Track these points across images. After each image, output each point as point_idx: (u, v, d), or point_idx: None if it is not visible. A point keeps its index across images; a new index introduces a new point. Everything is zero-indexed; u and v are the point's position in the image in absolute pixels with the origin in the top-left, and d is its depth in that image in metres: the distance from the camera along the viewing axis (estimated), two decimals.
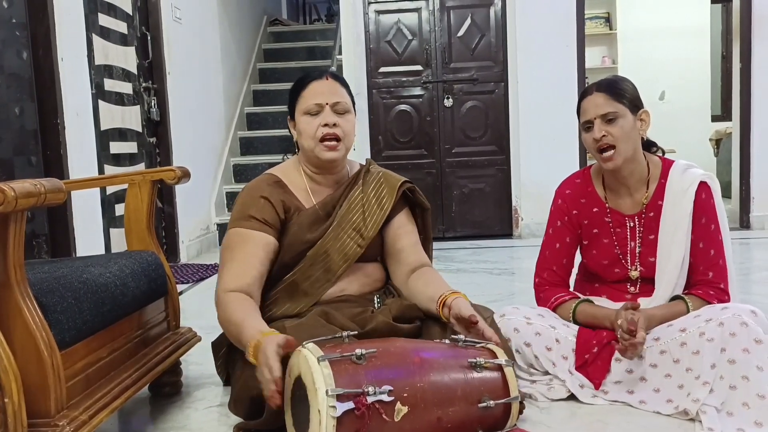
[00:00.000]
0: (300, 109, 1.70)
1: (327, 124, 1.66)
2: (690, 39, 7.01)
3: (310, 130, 1.68)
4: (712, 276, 1.71)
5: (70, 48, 3.00)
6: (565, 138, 4.52)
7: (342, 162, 1.76)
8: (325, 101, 1.67)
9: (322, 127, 1.66)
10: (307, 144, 1.69)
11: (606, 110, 1.70)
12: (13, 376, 1.11)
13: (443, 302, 1.55)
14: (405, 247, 1.75)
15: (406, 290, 1.72)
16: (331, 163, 1.71)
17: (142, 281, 1.63)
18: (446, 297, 1.55)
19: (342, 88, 1.72)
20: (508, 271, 3.63)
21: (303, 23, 9.00)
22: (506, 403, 1.38)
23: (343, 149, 1.70)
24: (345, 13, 4.77)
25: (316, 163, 1.73)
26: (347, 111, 1.71)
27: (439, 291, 1.59)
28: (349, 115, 1.71)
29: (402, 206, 1.80)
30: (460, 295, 1.56)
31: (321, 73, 1.73)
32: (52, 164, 2.86)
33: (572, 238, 1.86)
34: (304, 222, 1.70)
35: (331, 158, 1.69)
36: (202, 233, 4.66)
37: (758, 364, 1.48)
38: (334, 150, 1.68)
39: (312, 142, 1.68)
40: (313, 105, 1.67)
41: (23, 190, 1.08)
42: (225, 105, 5.32)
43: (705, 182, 1.73)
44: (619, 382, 1.67)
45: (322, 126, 1.66)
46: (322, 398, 1.20)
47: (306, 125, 1.69)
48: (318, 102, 1.67)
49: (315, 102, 1.67)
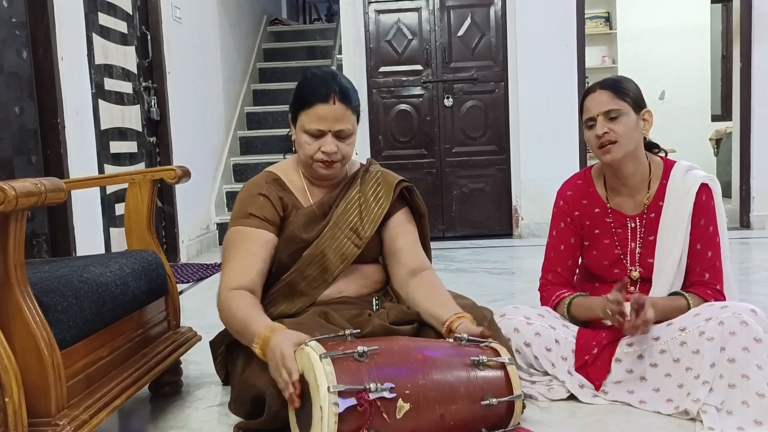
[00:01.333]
0: (301, 124, 1.65)
1: (326, 153, 1.63)
2: (690, 38, 7.01)
3: (309, 150, 1.64)
4: (708, 277, 1.71)
5: (70, 47, 3.00)
6: (565, 138, 4.53)
7: (338, 173, 1.74)
8: (328, 128, 1.62)
9: (321, 152, 1.63)
10: (304, 158, 1.68)
11: (609, 107, 1.70)
12: (13, 376, 1.11)
13: (449, 328, 1.53)
14: (403, 247, 1.73)
15: (406, 296, 1.69)
16: (325, 178, 1.71)
17: (142, 281, 1.63)
18: (452, 322, 1.53)
19: (348, 111, 1.63)
20: (508, 271, 3.63)
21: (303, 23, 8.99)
22: (509, 402, 1.38)
23: (339, 166, 1.68)
24: (345, 12, 4.77)
25: (311, 174, 1.73)
26: (350, 134, 1.66)
27: (444, 310, 1.57)
28: (350, 138, 1.67)
29: (401, 206, 1.78)
30: (466, 319, 1.53)
31: (328, 95, 1.60)
32: (52, 164, 2.86)
33: (576, 239, 1.85)
34: (300, 221, 1.69)
35: (326, 175, 1.69)
36: (202, 233, 4.66)
37: (758, 363, 1.48)
38: (329, 169, 1.67)
39: (309, 160, 1.66)
40: (315, 129, 1.62)
41: (24, 189, 1.08)
42: (225, 104, 5.32)
43: (706, 184, 1.73)
44: (619, 382, 1.66)
45: (322, 151, 1.63)
46: (324, 395, 1.20)
47: (305, 144, 1.65)
48: (320, 128, 1.62)
49: (318, 127, 1.62)
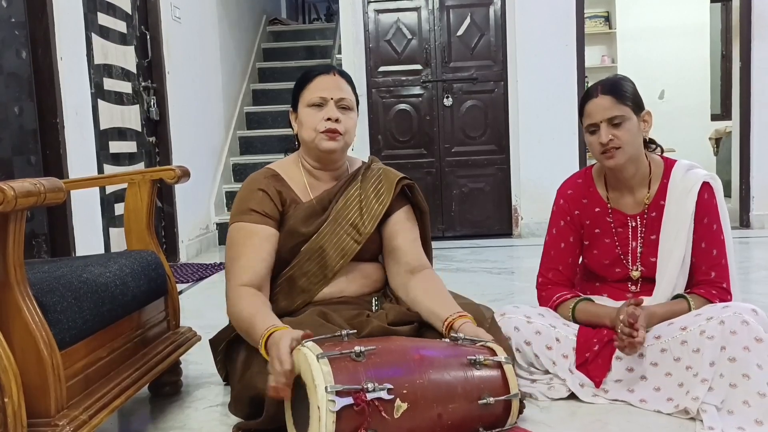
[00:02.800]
0: (304, 101, 1.70)
1: (330, 119, 1.66)
2: (689, 38, 7.01)
3: (313, 121, 1.68)
4: (714, 276, 1.70)
5: (70, 47, 2.99)
6: (564, 137, 4.53)
7: (341, 155, 1.75)
8: (330, 96, 1.68)
9: (324, 121, 1.66)
10: (308, 135, 1.69)
11: (613, 114, 1.68)
12: (12, 376, 1.11)
13: (450, 326, 1.53)
14: (402, 245, 1.73)
15: (405, 295, 1.68)
16: (330, 154, 1.70)
17: (141, 281, 1.63)
18: (453, 321, 1.53)
19: (348, 85, 1.73)
20: (507, 271, 3.63)
21: (302, 22, 8.99)
22: (506, 401, 1.38)
23: (343, 142, 1.70)
24: (344, 12, 4.77)
25: (316, 156, 1.72)
26: (350, 108, 1.71)
27: (444, 309, 1.57)
28: (351, 113, 1.71)
29: (402, 204, 1.77)
30: (467, 319, 1.53)
31: (328, 68, 1.74)
32: (52, 164, 2.86)
33: (576, 238, 1.85)
34: (299, 215, 1.69)
35: (330, 148, 1.68)
36: (201, 233, 4.66)
37: (759, 363, 1.48)
38: (333, 140, 1.67)
39: (313, 133, 1.68)
40: (317, 98, 1.68)
41: (23, 189, 1.08)
42: (224, 104, 5.32)
43: (708, 183, 1.73)
44: (620, 381, 1.66)
45: (325, 120, 1.66)
46: (322, 395, 1.20)
47: (308, 117, 1.69)
48: (323, 95, 1.68)
49: (320, 95, 1.68)
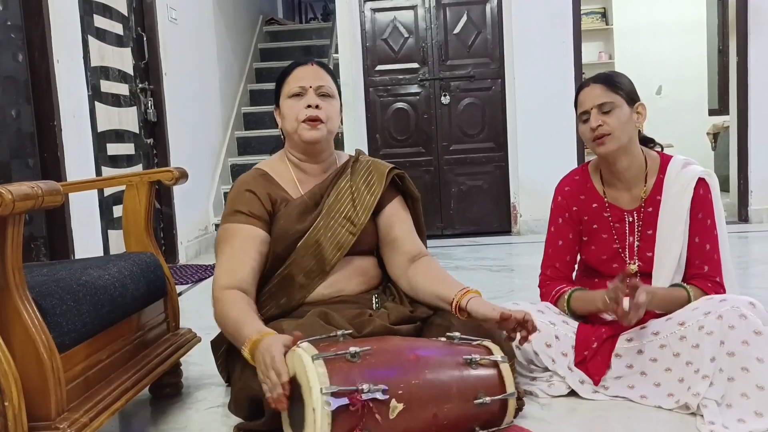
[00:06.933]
0: (284, 94, 1.72)
1: (310, 106, 1.67)
2: (686, 33, 7.00)
3: (293, 112, 1.68)
4: (707, 270, 1.72)
5: (66, 50, 2.99)
6: (562, 134, 4.53)
7: (326, 145, 1.75)
8: (309, 84, 1.69)
9: (305, 109, 1.67)
10: (290, 126, 1.69)
11: (603, 100, 1.71)
12: (13, 380, 1.11)
13: (458, 305, 1.53)
14: (400, 235, 1.73)
15: (407, 283, 1.69)
16: (313, 144, 1.70)
17: (141, 283, 1.63)
18: (459, 299, 1.53)
19: (326, 74, 1.73)
20: (507, 268, 3.64)
21: (299, 22, 8.97)
22: (503, 400, 1.38)
23: (325, 130, 1.69)
24: (341, 11, 4.76)
25: (302, 148, 1.72)
26: (331, 95, 1.71)
27: (449, 290, 1.57)
28: (332, 100, 1.71)
29: (394, 194, 1.78)
30: (473, 293, 1.53)
31: (306, 61, 1.75)
32: (49, 167, 2.86)
33: (574, 234, 1.86)
34: (292, 212, 1.69)
35: (312, 138, 1.68)
36: (200, 234, 4.66)
37: (758, 356, 1.48)
38: (315, 129, 1.67)
39: (295, 124, 1.68)
40: (297, 87, 1.69)
41: (21, 192, 1.08)
42: (222, 105, 5.32)
43: (703, 179, 1.74)
44: (620, 378, 1.67)
45: (305, 108, 1.67)
46: (317, 396, 1.19)
47: (289, 108, 1.70)
48: (302, 84, 1.69)
49: (299, 84, 1.69)
